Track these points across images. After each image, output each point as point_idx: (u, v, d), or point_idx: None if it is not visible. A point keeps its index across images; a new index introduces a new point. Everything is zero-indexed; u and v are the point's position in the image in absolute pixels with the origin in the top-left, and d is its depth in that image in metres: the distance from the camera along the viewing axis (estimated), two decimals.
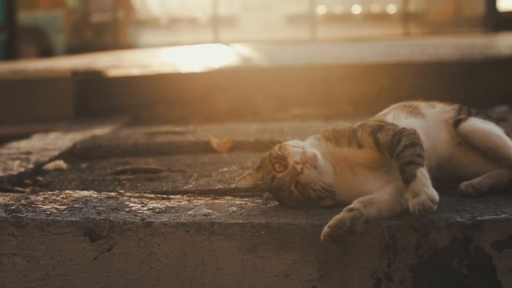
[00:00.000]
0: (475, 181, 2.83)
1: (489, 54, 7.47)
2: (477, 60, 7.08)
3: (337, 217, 2.36)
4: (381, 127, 2.66)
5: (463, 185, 2.83)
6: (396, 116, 2.86)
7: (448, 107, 3.01)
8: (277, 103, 6.86)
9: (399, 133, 2.60)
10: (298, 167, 2.52)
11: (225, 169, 3.49)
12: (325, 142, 2.68)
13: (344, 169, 2.63)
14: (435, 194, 2.42)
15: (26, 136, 5.06)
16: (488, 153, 2.86)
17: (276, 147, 2.64)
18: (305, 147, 2.60)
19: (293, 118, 6.66)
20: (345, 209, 2.39)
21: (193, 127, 5.03)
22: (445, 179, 2.90)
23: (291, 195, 2.57)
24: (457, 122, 2.91)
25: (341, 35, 16.32)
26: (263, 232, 2.46)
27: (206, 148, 4.11)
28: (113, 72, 7.16)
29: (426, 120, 2.90)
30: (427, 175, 2.49)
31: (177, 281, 2.50)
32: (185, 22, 19.37)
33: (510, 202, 2.67)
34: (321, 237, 2.35)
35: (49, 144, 4.50)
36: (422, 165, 2.50)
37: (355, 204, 2.42)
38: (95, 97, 6.89)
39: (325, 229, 2.35)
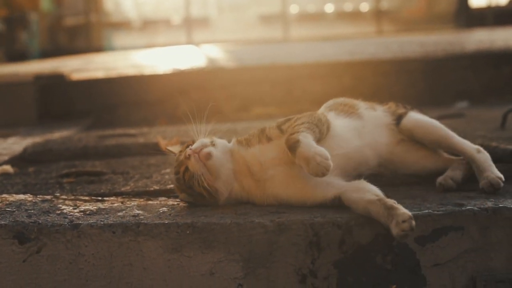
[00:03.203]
0: (451, 173, 2.87)
1: (452, 51, 7.52)
2: (439, 57, 7.13)
3: (403, 211, 2.35)
4: (288, 119, 2.71)
5: (440, 179, 2.85)
6: (327, 115, 2.87)
7: (388, 110, 3.00)
8: (240, 103, 6.90)
9: (300, 118, 2.66)
10: (188, 152, 2.58)
11: (168, 170, 3.52)
12: (236, 146, 2.70)
13: (260, 173, 2.66)
14: (324, 151, 2.46)
15: None
16: (434, 145, 2.91)
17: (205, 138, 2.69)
18: (215, 143, 2.65)
19: (254, 118, 6.71)
20: (392, 203, 2.40)
21: (147, 129, 5.06)
22: (387, 174, 2.95)
23: (178, 173, 2.64)
24: (398, 119, 2.93)
25: (313, 34, 16.35)
26: (188, 232, 2.50)
27: (155, 150, 4.13)
28: (76, 76, 7.17)
29: (363, 121, 2.89)
30: (310, 136, 2.53)
31: (105, 282, 2.53)
32: (159, 24, 19.38)
33: (437, 197, 2.71)
34: (402, 232, 2.32)
35: (5, 148, 4.53)
36: (304, 131, 2.54)
37: (388, 200, 2.43)
38: (58, 101, 6.90)
39: (404, 224, 2.32)
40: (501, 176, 2.73)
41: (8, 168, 3.77)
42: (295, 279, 2.51)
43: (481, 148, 2.85)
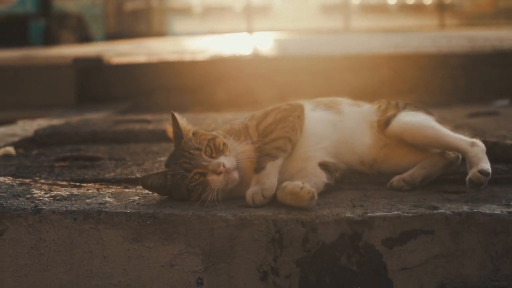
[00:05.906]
0: (406, 174, 2.80)
1: (500, 47, 7.31)
2: (483, 52, 6.96)
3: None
4: (265, 114, 2.68)
5: (395, 179, 2.80)
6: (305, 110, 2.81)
7: (375, 106, 2.94)
8: (277, 93, 6.83)
9: (276, 122, 2.63)
10: (221, 169, 2.50)
11: (163, 158, 3.48)
12: (231, 140, 2.66)
13: (247, 170, 2.61)
14: (269, 192, 2.49)
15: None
16: (427, 146, 2.83)
17: (223, 139, 2.63)
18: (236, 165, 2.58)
19: None
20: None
21: (167, 115, 5.01)
22: (371, 173, 2.88)
23: (189, 172, 2.54)
24: (386, 123, 2.84)
25: (374, 26, 16.13)
26: (149, 222, 2.47)
27: (163, 137, 4.11)
28: (116, 60, 7.20)
29: (341, 116, 2.84)
30: (277, 166, 2.52)
31: (65, 268, 2.52)
32: (220, 10, 19.39)
33: (414, 198, 2.62)
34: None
35: (24, 130, 4.55)
36: (277, 158, 2.53)
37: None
38: (97, 84, 6.94)
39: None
40: (487, 169, 2.60)
41: (10, 150, 3.79)
42: (256, 276, 2.46)
43: (476, 142, 2.73)
